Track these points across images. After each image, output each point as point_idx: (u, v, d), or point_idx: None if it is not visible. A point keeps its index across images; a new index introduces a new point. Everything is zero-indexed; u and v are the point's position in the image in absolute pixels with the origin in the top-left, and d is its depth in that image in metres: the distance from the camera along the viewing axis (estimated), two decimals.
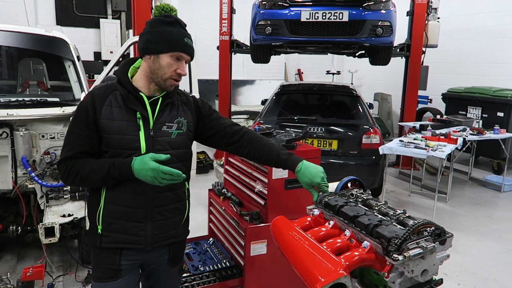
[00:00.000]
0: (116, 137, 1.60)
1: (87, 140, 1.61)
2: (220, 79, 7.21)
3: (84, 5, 9.25)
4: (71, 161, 1.60)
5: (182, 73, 1.65)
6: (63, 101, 3.29)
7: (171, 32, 1.60)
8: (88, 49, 9.24)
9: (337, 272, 1.17)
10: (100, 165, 1.58)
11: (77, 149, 1.61)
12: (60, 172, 1.63)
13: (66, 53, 3.64)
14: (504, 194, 5.87)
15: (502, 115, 6.60)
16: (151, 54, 1.62)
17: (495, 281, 3.45)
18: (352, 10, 4.87)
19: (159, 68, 1.61)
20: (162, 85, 1.64)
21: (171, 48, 1.60)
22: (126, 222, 1.65)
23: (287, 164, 1.77)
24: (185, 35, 1.64)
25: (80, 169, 1.58)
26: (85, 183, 1.62)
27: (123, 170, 1.55)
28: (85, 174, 1.58)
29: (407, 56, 6.94)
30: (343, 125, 5.03)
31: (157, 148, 1.64)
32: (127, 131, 1.61)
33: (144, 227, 1.67)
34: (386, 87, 10.33)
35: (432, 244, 1.24)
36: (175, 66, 1.62)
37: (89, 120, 1.60)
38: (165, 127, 1.67)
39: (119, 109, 1.62)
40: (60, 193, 3.05)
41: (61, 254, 3.67)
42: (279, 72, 11.89)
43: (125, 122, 1.62)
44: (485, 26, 8.16)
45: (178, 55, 1.62)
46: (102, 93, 1.64)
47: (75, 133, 1.62)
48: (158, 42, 1.60)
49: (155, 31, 1.61)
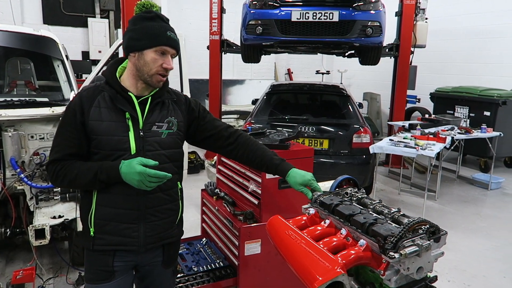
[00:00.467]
0: (105, 138, 1.58)
1: (75, 142, 1.60)
2: (211, 79, 7.19)
3: (71, 4, 9.13)
4: (59, 163, 1.59)
5: (168, 67, 1.62)
6: (53, 101, 3.25)
7: (152, 27, 1.57)
8: (76, 48, 9.13)
9: (334, 270, 1.18)
10: (88, 168, 1.57)
11: (65, 151, 1.59)
12: (49, 174, 1.62)
13: (55, 53, 3.60)
14: (491, 192, 5.98)
15: (488, 114, 6.72)
16: (135, 52, 1.59)
17: (484, 278, 3.50)
18: (342, 10, 4.90)
19: (144, 65, 1.59)
20: (149, 82, 1.62)
21: (154, 43, 1.57)
22: (118, 224, 1.63)
23: (278, 168, 1.78)
24: (167, 28, 1.61)
25: (68, 172, 1.57)
26: (73, 185, 1.62)
27: (111, 174, 1.54)
28: (73, 177, 1.57)
29: (396, 56, 7.01)
30: (333, 124, 5.06)
31: (147, 149, 1.62)
32: (116, 132, 1.59)
33: (136, 228, 1.65)
34: (375, 86, 10.42)
35: (428, 242, 1.25)
36: (160, 61, 1.59)
37: (77, 122, 1.58)
38: (155, 127, 1.65)
39: (108, 110, 1.60)
40: (50, 195, 3.01)
41: (51, 256, 3.62)
42: (269, 71, 11.91)
43: (114, 123, 1.60)
44: (470, 27, 8.29)
45: (162, 49, 1.59)
46: (90, 94, 1.62)
47: (63, 135, 1.61)
48: (140, 39, 1.57)
49: (136, 28, 1.59)
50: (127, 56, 1.63)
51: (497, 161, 6.34)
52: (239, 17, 5.82)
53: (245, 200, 2.49)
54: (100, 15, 9.43)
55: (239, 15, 5.73)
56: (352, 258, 1.27)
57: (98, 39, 9.31)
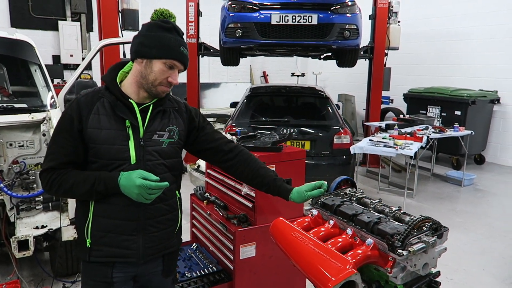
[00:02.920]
0: (104, 147, 1.52)
1: (71, 150, 1.53)
2: (188, 82, 7.13)
3: (41, 7, 8.83)
4: (54, 171, 1.52)
5: (173, 82, 1.57)
6: (32, 107, 3.14)
7: (167, 38, 1.53)
8: (46, 52, 8.83)
9: (347, 270, 1.19)
10: (85, 178, 1.51)
11: (60, 159, 1.53)
12: (43, 182, 1.55)
13: (32, 57, 3.48)
14: (464, 188, 6.20)
15: (459, 113, 6.98)
16: (144, 58, 1.54)
17: (464, 271, 3.63)
18: (320, 13, 4.98)
19: (150, 74, 1.54)
20: (153, 91, 1.57)
21: (165, 55, 1.53)
22: (116, 235, 1.57)
23: (281, 189, 1.73)
24: (181, 43, 1.57)
25: (64, 181, 1.51)
26: (69, 195, 1.57)
27: (109, 185, 1.49)
28: (68, 187, 1.51)
29: (370, 58, 7.18)
30: (314, 126, 5.13)
31: (147, 158, 1.57)
32: (115, 140, 1.53)
33: (135, 240, 1.59)
34: (349, 88, 10.63)
35: (433, 238, 1.29)
36: (167, 74, 1.55)
37: (74, 129, 1.52)
38: (156, 135, 1.60)
39: (107, 117, 1.54)
40: (31, 204, 2.90)
41: (31, 268, 3.48)
42: (245, 74, 11.93)
43: (114, 131, 1.54)
44: (440, 30, 8.60)
45: (172, 63, 1.55)
46: (89, 100, 1.55)
47: (59, 142, 1.54)
48: (153, 47, 1.52)
49: (151, 35, 1.54)
50: (134, 60, 1.58)
51: (467, 158, 6.58)
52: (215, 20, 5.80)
53: (238, 204, 2.48)
54: (71, 18, 9.17)
55: (215, 18, 5.71)
56: (362, 257, 1.30)
57: (70, 42, 9.05)
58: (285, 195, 1.73)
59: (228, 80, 11.42)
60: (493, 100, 7.34)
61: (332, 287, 1.16)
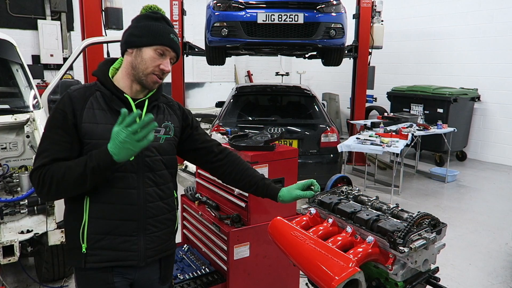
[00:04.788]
0: (101, 142, 1.42)
1: (66, 146, 1.45)
2: (173, 82, 7.06)
3: (19, 5, 8.60)
4: (45, 167, 1.41)
5: (165, 69, 1.51)
6: (14, 108, 3.04)
7: (156, 26, 1.50)
8: (26, 52, 8.60)
9: (351, 268, 1.19)
10: (76, 162, 1.40)
11: (54, 155, 1.43)
12: (34, 182, 1.44)
13: (13, 57, 3.37)
14: (448, 185, 6.32)
15: (441, 111, 7.11)
16: (133, 48, 1.50)
17: (452, 266, 3.69)
18: (306, 12, 4.99)
19: (141, 62, 1.49)
20: (144, 81, 1.51)
21: (155, 41, 1.49)
22: (116, 237, 1.50)
23: (269, 188, 1.72)
24: (171, 31, 1.53)
25: (55, 172, 1.39)
26: (61, 188, 1.41)
27: (101, 158, 1.35)
28: (60, 176, 1.38)
29: (355, 57, 7.24)
30: (301, 125, 5.14)
31: (146, 154, 1.52)
32: None
33: (136, 241, 1.53)
34: (333, 87, 10.72)
35: (433, 235, 1.30)
36: (158, 61, 1.50)
37: (68, 124, 1.45)
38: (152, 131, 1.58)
39: (103, 112, 1.49)
40: (16, 208, 2.80)
41: (15, 273, 3.38)
42: (229, 74, 11.89)
43: (110, 126, 1.42)
44: (421, 29, 8.75)
45: (162, 49, 1.50)
46: (81, 95, 1.50)
47: (52, 138, 1.46)
48: (142, 36, 1.49)
49: (139, 25, 1.51)
50: (124, 52, 1.54)
51: (450, 155, 6.71)
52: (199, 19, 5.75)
53: (230, 204, 2.45)
54: (51, 17, 8.96)
55: (199, 17, 5.66)
56: (363, 255, 1.29)
57: (50, 42, 8.84)
58: (274, 195, 1.71)
59: (213, 80, 11.37)
60: (474, 98, 7.51)
61: (336, 286, 1.15)
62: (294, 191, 1.68)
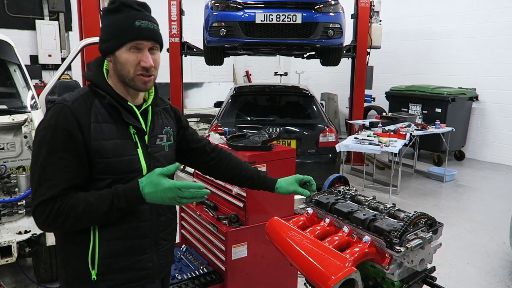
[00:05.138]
0: (115, 160, 1.31)
1: (76, 172, 1.27)
2: (172, 82, 7.06)
3: (17, 5, 8.58)
4: (57, 200, 1.23)
5: (145, 65, 1.33)
6: (12, 109, 3.04)
7: (116, 21, 1.32)
8: (24, 52, 8.58)
9: (347, 268, 1.19)
10: (98, 198, 1.26)
11: (63, 184, 1.24)
12: (40, 216, 1.24)
13: (11, 57, 3.37)
14: (446, 184, 6.33)
15: (440, 110, 7.12)
16: (109, 56, 1.36)
17: (450, 265, 3.70)
18: (304, 12, 5.00)
19: (121, 69, 1.34)
20: (133, 86, 1.36)
21: (122, 40, 1.31)
22: (130, 257, 1.38)
23: (266, 181, 1.72)
24: (135, 17, 1.31)
25: (72, 209, 1.23)
26: (78, 224, 1.27)
27: (131, 198, 1.26)
28: (78, 214, 1.23)
29: (353, 57, 7.24)
30: (300, 125, 5.15)
31: (156, 165, 1.40)
32: (125, 151, 1.35)
33: (150, 258, 1.43)
34: (332, 87, 10.72)
35: (430, 234, 1.30)
36: (136, 60, 1.33)
37: (77, 144, 1.27)
38: (158, 140, 1.46)
39: (110, 125, 1.34)
40: (13, 209, 2.80)
41: (13, 274, 3.38)
42: (228, 74, 11.89)
43: (120, 141, 1.34)
44: (419, 29, 8.77)
45: (134, 44, 1.31)
46: (82, 106, 1.31)
47: (57, 164, 1.25)
48: (108, 39, 1.33)
49: (103, 26, 1.36)
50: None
51: (448, 154, 6.73)
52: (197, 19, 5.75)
53: (228, 204, 2.46)
54: (49, 17, 8.94)
55: (197, 17, 5.67)
56: (359, 255, 1.29)
57: (48, 42, 8.82)
58: (271, 186, 1.71)
59: (211, 80, 11.36)
60: (472, 98, 7.52)
61: (333, 285, 1.15)
62: (292, 185, 1.70)
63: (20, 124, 2.95)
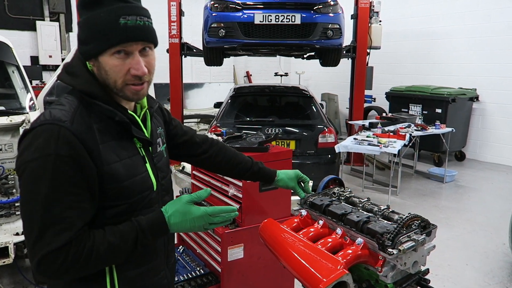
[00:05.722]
0: (128, 183, 1.14)
1: (89, 207, 1.08)
2: (171, 83, 7.06)
3: (17, 6, 8.59)
4: (70, 246, 1.01)
5: (136, 73, 1.10)
6: (10, 110, 3.05)
7: (96, 17, 1.06)
8: (24, 53, 8.59)
9: (338, 270, 1.18)
10: (120, 236, 1.08)
11: (78, 226, 1.03)
12: (51, 266, 1.00)
13: (9, 58, 3.38)
14: (446, 185, 6.32)
15: (440, 111, 7.11)
16: (90, 59, 1.12)
17: (449, 266, 3.69)
18: (303, 13, 5.00)
19: (106, 77, 1.11)
20: (123, 96, 1.15)
21: (103, 44, 1.06)
22: (149, 279, 1.28)
23: (265, 172, 1.69)
24: (119, 12, 1.05)
25: (91, 253, 1.04)
26: (97, 268, 1.10)
27: (157, 232, 1.13)
28: (100, 257, 1.05)
29: (353, 58, 7.23)
30: (299, 125, 5.14)
31: (161, 176, 1.29)
32: (136, 170, 1.18)
33: (165, 275, 1.37)
34: (332, 87, 10.71)
35: (423, 236, 1.30)
36: (125, 67, 1.09)
37: (87, 174, 1.06)
38: (158, 146, 1.32)
39: (117, 143, 1.14)
40: (11, 210, 2.81)
41: (11, 275, 3.38)
42: (228, 74, 11.89)
43: (130, 159, 1.17)
44: (418, 29, 8.75)
45: (121, 48, 1.07)
46: (83, 126, 1.07)
47: (66, 203, 1.02)
48: (88, 41, 1.08)
49: (81, 24, 1.10)
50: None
51: (448, 155, 6.71)
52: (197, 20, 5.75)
53: (224, 205, 2.45)
54: (50, 18, 8.95)
55: (197, 18, 5.66)
56: (352, 257, 1.29)
57: (48, 43, 8.83)
58: (271, 177, 1.69)
59: (212, 80, 11.36)
60: (472, 98, 7.50)
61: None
62: (292, 181, 1.70)
63: (18, 125, 2.95)
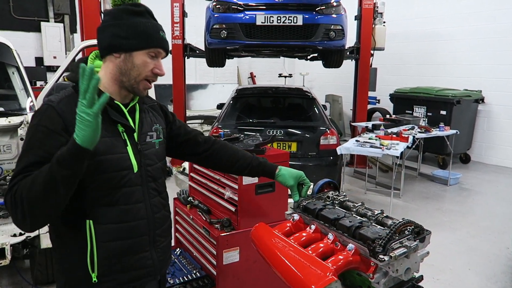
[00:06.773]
0: (105, 158, 1.30)
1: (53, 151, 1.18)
2: (174, 84, 7.06)
3: (22, 8, 8.66)
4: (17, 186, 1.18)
5: (160, 72, 1.40)
6: (9, 111, 3.05)
7: (143, 25, 1.34)
8: (29, 54, 8.66)
9: (327, 277, 1.16)
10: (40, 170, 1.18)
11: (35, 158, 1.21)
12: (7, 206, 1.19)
13: (9, 59, 3.38)
14: (450, 187, 6.25)
15: (444, 113, 7.04)
16: (121, 52, 1.34)
17: (450, 271, 3.64)
18: (305, 14, 4.97)
19: (132, 69, 1.34)
20: (135, 89, 1.38)
21: (147, 44, 1.34)
22: (130, 256, 1.39)
23: (266, 167, 1.71)
24: (159, 27, 1.39)
25: (24, 187, 1.15)
26: (32, 205, 1.15)
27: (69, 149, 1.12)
28: (27, 189, 1.14)
29: (356, 59, 7.19)
30: (301, 127, 5.11)
31: (147, 163, 1.44)
32: (115, 149, 1.34)
33: (149, 255, 1.45)
34: (337, 88, 10.66)
35: (415, 243, 1.26)
36: (151, 65, 1.37)
37: (55, 144, 1.22)
38: (148, 137, 1.47)
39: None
40: None
41: (10, 276, 3.39)
42: (232, 76, 11.88)
43: (109, 139, 1.33)
44: (422, 30, 8.69)
45: (155, 51, 1.37)
46: (68, 107, 1.27)
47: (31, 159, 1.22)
48: (130, 37, 1.32)
49: (123, 24, 1.33)
50: (106, 55, 1.37)
51: (453, 157, 6.64)
52: (200, 21, 5.74)
53: (221, 208, 2.43)
54: (54, 19, 9.01)
55: (200, 19, 5.66)
56: (342, 263, 1.26)
57: (53, 44, 8.88)
58: (272, 171, 1.70)
59: (215, 81, 11.36)
60: (478, 100, 7.43)
61: None
62: (292, 180, 1.69)
63: (16, 126, 2.95)
